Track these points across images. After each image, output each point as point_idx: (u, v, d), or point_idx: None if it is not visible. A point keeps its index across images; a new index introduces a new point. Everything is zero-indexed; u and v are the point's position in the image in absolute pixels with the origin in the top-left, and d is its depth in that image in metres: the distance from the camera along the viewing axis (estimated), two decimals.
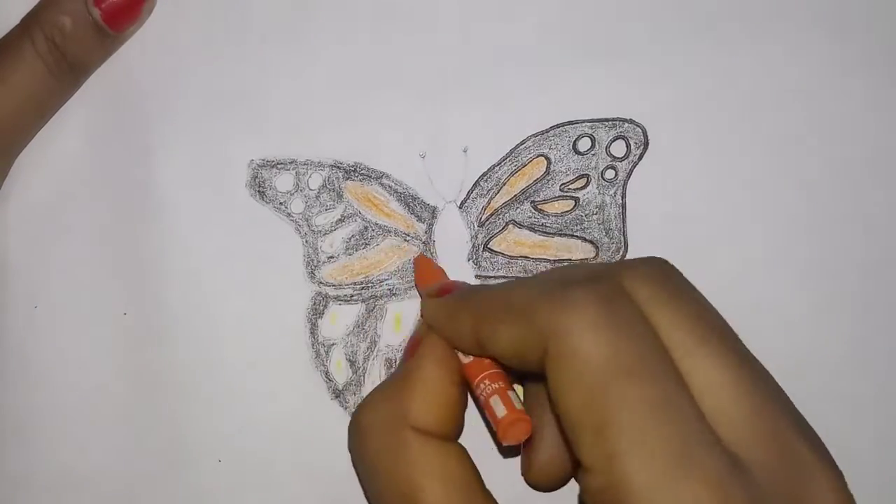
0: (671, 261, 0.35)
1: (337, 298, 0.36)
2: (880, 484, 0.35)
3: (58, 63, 0.34)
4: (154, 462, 0.35)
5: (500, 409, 0.29)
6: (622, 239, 0.36)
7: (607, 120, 0.36)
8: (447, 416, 0.29)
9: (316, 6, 0.36)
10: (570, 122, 0.36)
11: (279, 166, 0.36)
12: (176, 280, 0.36)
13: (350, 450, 0.31)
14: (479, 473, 0.29)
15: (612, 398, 0.24)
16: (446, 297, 0.31)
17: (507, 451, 0.35)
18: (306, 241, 0.36)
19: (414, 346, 0.31)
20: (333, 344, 0.36)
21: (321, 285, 0.36)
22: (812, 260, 0.35)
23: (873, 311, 0.35)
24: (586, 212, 0.36)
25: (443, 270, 0.35)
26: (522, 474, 0.33)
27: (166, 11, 0.36)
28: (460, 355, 0.30)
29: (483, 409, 0.30)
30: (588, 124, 0.36)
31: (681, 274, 0.27)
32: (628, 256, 0.36)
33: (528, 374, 0.27)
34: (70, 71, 0.35)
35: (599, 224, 0.36)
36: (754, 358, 0.26)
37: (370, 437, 0.29)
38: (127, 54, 0.36)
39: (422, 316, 0.32)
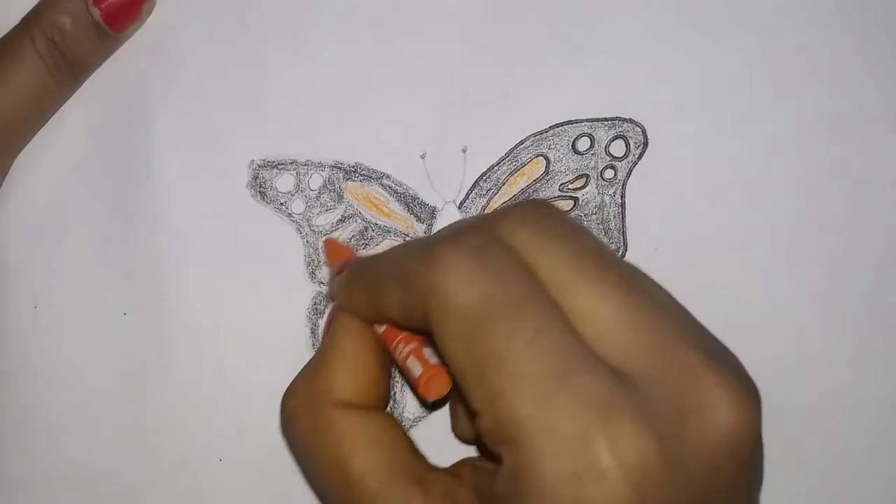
0: (671, 262, 0.36)
1: None
2: (881, 484, 0.35)
3: (57, 63, 0.34)
4: (154, 462, 0.35)
5: (416, 368, 0.29)
6: (621, 239, 0.36)
7: (606, 119, 0.36)
8: (366, 386, 0.30)
9: (316, 6, 0.36)
10: (569, 122, 0.36)
11: (280, 167, 0.36)
12: (176, 280, 0.36)
13: (283, 434, 0.32)
14: (407, 437, 0.30)
15: (486, 341, 0.24)
16: (343, 274, 0.32)
17: (434, 408, 0.35)
18: (307, 242, 0.36)
19: (327, 327, 0.32)
20: None
21: (322, 285, 0.36)
22: (812, 260, 0.35)
23: (874, 311, 0.35)
24: (585, 212, 0.36)
25: (352, 250, 0.35)
26: (452, 430, 0.34)
27: (166, 11, 0.36)
28: (376, 325, 0.31)
29: (403, 373, 0.30)
30: (587, 124, 0.36)
31: (555, 211, 0.28)
32: (628, 256, 0.36)
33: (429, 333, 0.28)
34: (70, 71, 0.35)
35: (598, 224, 0.36)
36: (639, 278, 0.27)
37: (297, 421, 0.30)
38: (127, 54, 0.36)
39: (330, 296, 0.33)
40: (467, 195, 0.36)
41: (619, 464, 0.23)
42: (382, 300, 0.28)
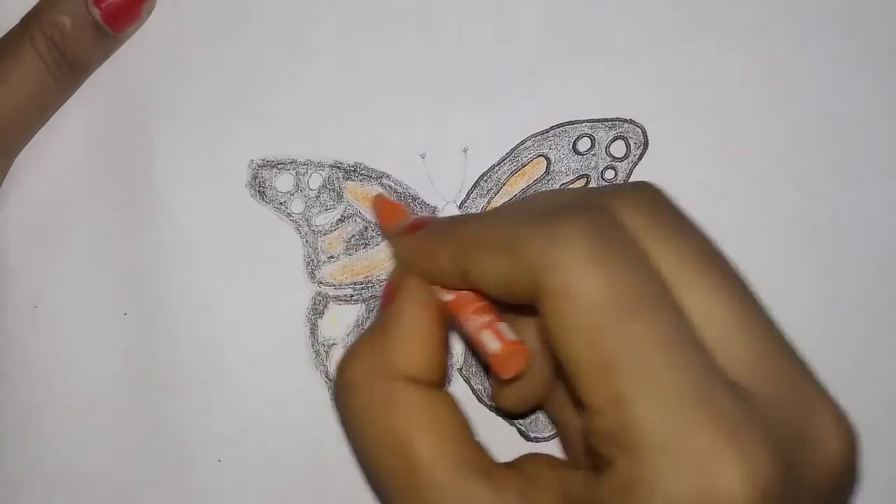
0: None
1: (337, 298, 0.36)
2: (881, 484, 0.35)
3: (57, 63, 0.34)
4: (154, 462, 0.35)
5: (493, 343, 0.27)
6: None
7: (607, 120, 0.36)
8: (434, 362, 0.28)
9: (316, 6, 0.36)
10: (569, 123, 0.36)
11: (279, 166, 0.36)
12: (176, 280, 0.36)
13: (336, 407, 0.29)
14: (468, 422, 0.28)
15: (614, 337, 0.23)
16: (421, 232, 0.29)
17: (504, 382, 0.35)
18: (306, 241, 0.36)
19: (390, 292, 0.29)
20: (333, 344, 0.36)
21: (321, 285, 0.36)
22: (813, 260, 0.35)
23: (874, 311, 0.35)
24: None
25: (403, 206, 0.34)
26: (493, 398, 0.33)
27: (166, 11, 0.36)
28: (441, 292, 0.29)
29: (473, 345, 0.29)
30: (588, 124, 0.36)
31: (673, 201, 0.26)
32: None
33: (517, 305, 0.26)
34: (70, 71, 0.35)
35: None
36: (754, 291, 0.26)
37: (356, 391, 0.27)
38: (127, 54, 0.36)
39: (395, 257, 0.30)
40: (468, 195, 0.36)
41: (749, 488, 0.22)
42: (475, 267, 0.26)
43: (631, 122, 0.36)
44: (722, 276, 0.24)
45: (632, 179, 0.36)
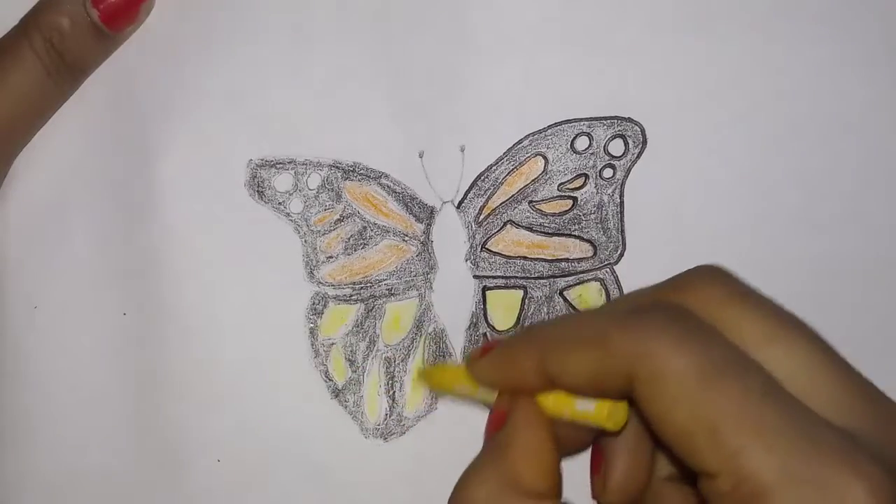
0: (670, 261, 0.35)
1: (336, 298, 0.36)
2: None
3: (56, 64, 0.34)
4: (154, 462, 0.35)
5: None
6: (620, 238, 0.36)
7: (605, 118, 0.36)
8: (556, 477, 0.29)
9: (315, 6, 0.36)
10: (567, 121, 0.36)
11: (278, 166, 0.36)
12: (176, 280, 0.36)
13: None
14: None
15: (714, 400, 0.24)
16: (499, 347, 0.31)
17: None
18: (305, 241, 0.36)
19: (499, 418, 0.30)
20: (333, 343, 0.36)
21: (320, 285, 0.36)
22: (812, 259, 0.35)
23: (873, 311, 0.35)
24: (584, 211, 0.36)
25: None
26: (595, 497, 0.33)
27: (166, 11, 0.36)
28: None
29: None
30: (586, 123, 0.36)
31: (731, 276, 0.28)
32: (627, 256, 0.36)
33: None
34: (69, 72, 0.35)
35: (597, 223, 0.36)
36: (821, 336, 0.27)
37: None
38: (127, 54, 0.36)
39: (476, 381, 0.31)
40: (465, 195, 0.36)
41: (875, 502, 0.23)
42: (561, 366, 0.28)
43: (629, 120, 0.36)
44: (797, 329, 0.26)
45: (631, 178, 0.36)
